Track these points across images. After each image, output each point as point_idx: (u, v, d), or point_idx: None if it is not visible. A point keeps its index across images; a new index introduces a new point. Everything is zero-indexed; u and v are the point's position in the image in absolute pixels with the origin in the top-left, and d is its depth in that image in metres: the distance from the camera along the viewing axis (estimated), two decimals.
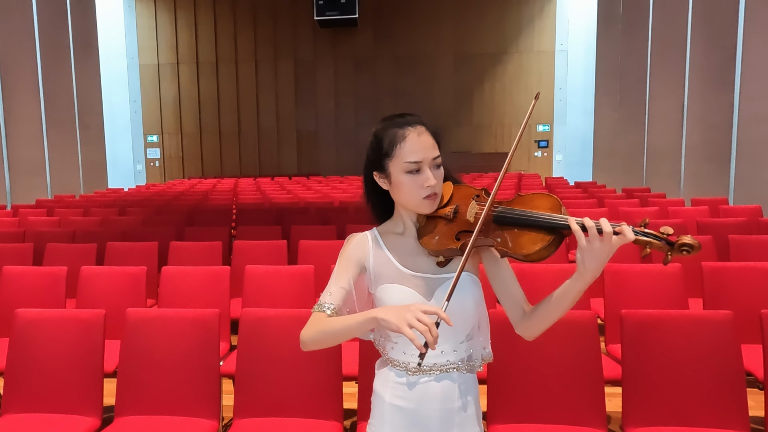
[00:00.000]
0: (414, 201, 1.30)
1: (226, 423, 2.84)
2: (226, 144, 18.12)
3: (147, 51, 17.89)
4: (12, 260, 4.13)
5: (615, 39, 12.21)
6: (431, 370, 1.32)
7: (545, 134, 17.27)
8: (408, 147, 1.27)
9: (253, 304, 3.14)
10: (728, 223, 5.10)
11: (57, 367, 2.37)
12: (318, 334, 1.29)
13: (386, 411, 1.35)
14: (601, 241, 1.11)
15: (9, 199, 10.33)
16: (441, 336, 1.29)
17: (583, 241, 1.13)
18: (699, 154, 8.78)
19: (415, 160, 1.27)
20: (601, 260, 1.13)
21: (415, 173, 1.27)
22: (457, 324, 1.30)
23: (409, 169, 1.27)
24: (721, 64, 8.29)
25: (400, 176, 1.29)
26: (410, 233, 1.37)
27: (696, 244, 1.07)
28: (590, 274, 1.16)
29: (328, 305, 1.33)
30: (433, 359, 1.32)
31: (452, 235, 1.28)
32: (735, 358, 2.14)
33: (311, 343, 1.31)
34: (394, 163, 1.29)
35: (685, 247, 1.08)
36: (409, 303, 1.28)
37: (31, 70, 10.63)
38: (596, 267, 1.14)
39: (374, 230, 1.42)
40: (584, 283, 1.18)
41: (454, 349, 1.33)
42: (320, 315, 1.32)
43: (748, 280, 3.08)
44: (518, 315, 1.34)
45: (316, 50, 17.68)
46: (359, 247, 1.38)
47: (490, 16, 17.09)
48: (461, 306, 1.30)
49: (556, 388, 2.19)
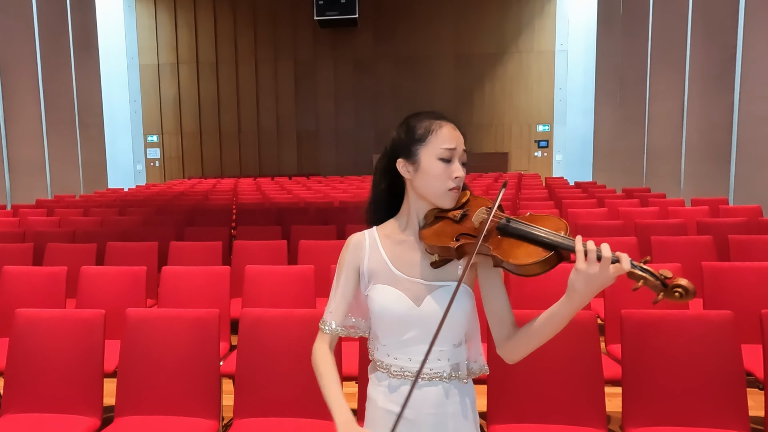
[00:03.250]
0: (440, 190, 1.31)
1: (226, 423, 2.84)
2: (226, 144, 18.12)
3: (147, 51, 17.88)
4: (12, 260, 4.13)
5: (615, 39, 12.21)
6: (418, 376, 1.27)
7: (545, 134, 17.27)
8: (445, 134, 1.31)
9: (253, 304, 3.14)
10: (728, 223, 5.10)
11: (57, 367, 2.37)
12: (315, 369, 1.41)
13: (379, 415, 1.34)
14: (598, 267, 1.11)
15: (9, 199, 10.32)
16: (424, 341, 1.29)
17: (582, 264, 1.12)
18: (699, 154, 8.78)
19: (451, 147, 1.30)
20: (593, 287, 1.12)
21: (446, 162, 1.30)
22: (445, 333, 1.28)
23: (443, 155, 1.29)
24: (721, 64, 8.28)
25: (432, 162, 1.30)
26: (412, 230, 1.36)
27: (691, 289, 1.05)
28: (579, 299, 1.15)
29: (327, 325, 1.40)
30: (416, 365, 1.28)
31: (453, 236, 1.28)
32: (735, 358, 2.14)
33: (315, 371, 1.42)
34: (428, 150, 1.30)
35: (679, 289, 1.06)
36: (397, 306, 1.30)
37: (31, 70, 10.63)
38: (586, 293, 1.13)
39: (374, 230, 1.41)
40: (572, 308, 1.17)
41: (438, 358, 1.32)
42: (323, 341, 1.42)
43: (748, 280, 3.08)
44: (503, 335, 1.32)
45: (316, 50, 17.68)
46: (355, 251, 1.39)
47: (490, 16, 17.08)
48: (450, 314, 1.27)
49: (556, 388, 2.19)
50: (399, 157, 1.33)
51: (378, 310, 1.32)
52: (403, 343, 1.32)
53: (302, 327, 2.31)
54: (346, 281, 1.39)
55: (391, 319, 1.31)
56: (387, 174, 1.38)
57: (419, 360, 1.26)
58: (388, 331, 1.33)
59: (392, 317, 1.31)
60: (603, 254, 1.10)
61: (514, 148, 17.13)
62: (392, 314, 1.30)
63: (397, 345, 1.33)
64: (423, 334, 1.29)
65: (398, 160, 1.33)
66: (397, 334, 1.32)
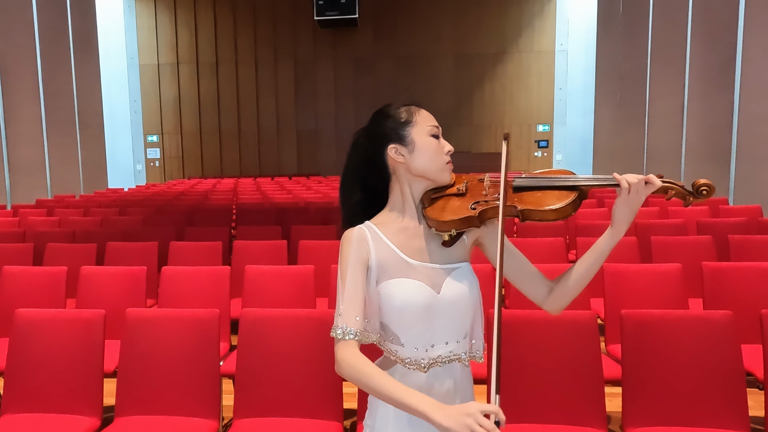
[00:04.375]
0: (440, 164, 1.32)
1: (226, 423, 2.84)
2: (226, 144, 18.12)
3: (147, 51, 17.89)
4: (12, 260, 4.13)
5: (615, 39, 12.21)
6: (435, 362, 1.29)
7: (545, 134, 17.28)
8: (425, 114, 1.35)
9: (253, 304, 3.14)
10: (728, 223, 5.10)
11: (57, 367, 2.37)
12: (357, 377, 1.20)
13: (390, 413, 1.30)
14: (636, 192, 1.22)
15: (9, 199, 10.33)
16: (448, 329, 1.30)
17: (626, 194, 1.22)
18: (699, 154, 8.77)
19: (436, 124, 1.34)
20: (634, 210, 1.24)
21: (436, 138, 1.33)
22: (463, 315, 1.30)
23: (433, 132, 1.33)
24: (721, 64, 8.28)
25: (425, 139, 1.32)
26: (412, 215, 1.33)
27: (712, 185, 1.18)
28: (625, 226, 1.26)
29: (346, 331, 1.23)
30: (439, 351, 1.29)
31: (467, 206, 1.27)
32: (735, 358, 2.14)
33: (348, 378, 1.23)
34: (418, 129, 1.32)
35: (704, 188, 1.18)
36: (420, 297, 1.25)
37: (31, 70, 10.63)
38: (630, 219, 1.25)
39: (367, 223, 1.33)
40: (619, 236, 1.27)
41: (457, 340, 1.31)
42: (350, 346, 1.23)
43: (748, 280, 3.08)
44: (544, 291, 1.35)
45: (316, 50, 17.68)
46: (360, 245, 1.28)
47: (490, 16, 17.09)
48: (467, 296, 1.30)
49: (556, 388, 2.18)
50: (389, 144, 1.32)
51: (399, 305, 1.25)
52: (429, 334, 1.28)
53: (302, 327, 2.31)
54: (355, 278, 1.26)
55: (415, 312, 1.26)
56: (361, 177, 1.36)
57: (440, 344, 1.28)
58: (410, 324, 1.27)
59: (416, 310, 1.25)
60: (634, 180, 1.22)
61: (514, 148, 17.12)
62: (416, 307, 1.25)
63: (423, 338, 1.28)
64: (448, 320, 1.29)
65: (389, 147, 1.31)
66: (421, 325, 1.27)
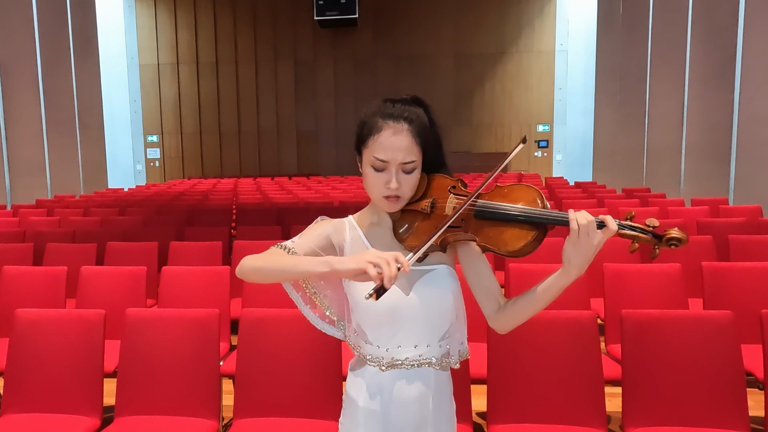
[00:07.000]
0: (375, 196, 1.26)
1: (226, 423, 2.84)
2: (226, 144, 18.12)
3: (147, 51, 17.88)
4: (12, 260, 4.13)
5: (615, 39, 12.21)
6: (402, 364, 1.27)
7: (545, 134, 17.27)
8: (379, 142, 1.21)
9: (253, 304, 3.13)
10: (728, 223, 5.10)
11: (57, 367, 2.37)
12: (261, 262, 1.20)
13: (360, 414, 1.31)
14: (587, 235, 1.11)
15: (9, 199, 10.33)
16: (417, 331, 1.26)
17: (576, 236, 1.12)
18: (699, 154, 8.78)
19: (382, 158, 1.21)
20: (586, 255, 1.12)
21: (379, 171, 1.23)
22: (436, 319, 1.28)
23: (374, 165, 1.23)
24: (721, 64, 8.28)
25: (367, 168, 1.25)
26: (386, 224, 1.33)
27: (684, 238, 1.07)
28: (575, 270, 1.15)
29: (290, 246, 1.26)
30: (406, 354, 1.27)
31: (430, 231, 1.23)
32: (735, 358, 2.14)
33: (250, 271, 1.22)
34: (367, 153, 1.24)
35: (673, 241, 1.08)
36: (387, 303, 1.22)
37: (31, 70, 10.63)
38: (582, 263, 1.14)
39: (350, 218, 1.37)
40: (569, 279, 1.17)
41: (428, 344, 1.28)
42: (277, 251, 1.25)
43: (748, 280, 3.08)
44: (493, 308, 1.29)
45: (316, 50, 17.67)
46: (337, 230, 1.32)
47: (490, 16, 17.08)
48: (440, 300, 1.27)
49: (556, 388, 2.19)
50: (356, 149, 1.30)
51: (363, 304, 1.23)
52: (393, 334, 1.27)
53: (302, 327, 2.30)
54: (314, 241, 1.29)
55: (380, 312, 1.24)
56: None
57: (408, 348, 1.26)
58: (376, 323, 1.27)
59: (381, 309, 1.22)
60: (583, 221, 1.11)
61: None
62: (381, 306, 1.20)
63: (388, 337, 1.27)
64: (417, 323, 1.26)
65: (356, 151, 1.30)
66: (387, 326, 1.27)
